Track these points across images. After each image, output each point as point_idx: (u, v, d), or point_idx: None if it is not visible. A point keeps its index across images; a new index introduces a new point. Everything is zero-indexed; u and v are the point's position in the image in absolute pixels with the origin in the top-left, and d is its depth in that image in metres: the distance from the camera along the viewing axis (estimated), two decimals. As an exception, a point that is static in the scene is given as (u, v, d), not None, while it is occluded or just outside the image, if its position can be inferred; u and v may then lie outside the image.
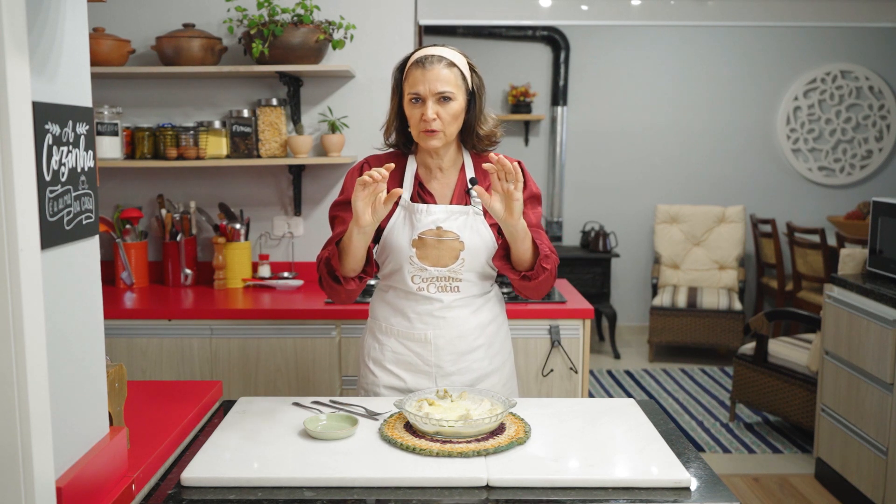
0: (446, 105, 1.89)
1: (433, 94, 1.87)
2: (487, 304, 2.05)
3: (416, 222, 1.96)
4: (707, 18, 4.14)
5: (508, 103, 6.19)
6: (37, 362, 1.16)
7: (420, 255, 1.95)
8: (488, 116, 2.00)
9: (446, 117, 1.89)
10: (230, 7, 3.33)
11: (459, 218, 1.96)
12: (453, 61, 1.91)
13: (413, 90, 1.89)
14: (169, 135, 3.27)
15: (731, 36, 6.19)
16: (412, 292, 1.98)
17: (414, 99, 1.90)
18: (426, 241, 1.95)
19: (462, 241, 1.95)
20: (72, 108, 1.31)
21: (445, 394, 1.83)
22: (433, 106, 1.88)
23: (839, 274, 3.49)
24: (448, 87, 1.88)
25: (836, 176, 6.27)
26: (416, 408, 1.75)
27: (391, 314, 2.03)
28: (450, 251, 1.95)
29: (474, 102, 1.95)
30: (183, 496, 1.47)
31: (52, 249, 1.25)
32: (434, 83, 1.87)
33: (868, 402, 3.15)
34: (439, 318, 1.98)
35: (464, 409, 1.75)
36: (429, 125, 1.88)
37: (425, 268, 1.95)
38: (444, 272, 1.96)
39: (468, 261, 1.96)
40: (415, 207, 1.97)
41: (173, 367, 2.96)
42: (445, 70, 1.88)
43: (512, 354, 2.16)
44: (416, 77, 1.89)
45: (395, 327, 2.02)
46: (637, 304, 6.47)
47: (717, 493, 1.49)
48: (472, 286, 2.00)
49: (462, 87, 1.92)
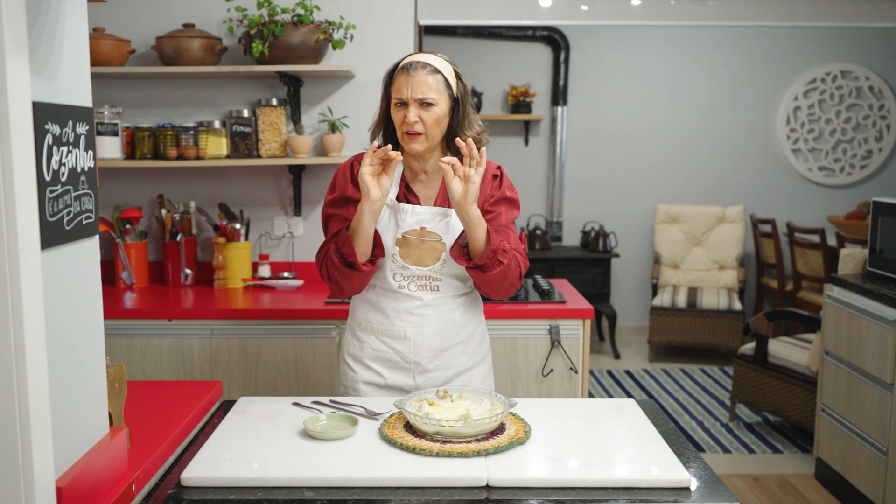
0: (428, 110, 1.94)
1: (415, 100, 1.94)
2: (466, 303, 2.10)
3: (401, 222, 2.01)
4: (707, 18, 4.14)
5: (508, 103, 6.19)
6: (37, 362, 1.16)
7: (403, 254, 2.01)
8: (474, 122, 2.03)
9: (428, 121, 1.95)
10: (230, 7, 3.33)
11: (443, 220, 2.02)
12: (437, 68, 1.97)
13: (398, 95, 1.96)
14: (169, 135, 3.27)
15: (731, 36, 6.19)
16: (392, 290, 2.03)
17: (399, 103, 1.97)
18: (409, 241, 2.01)
19: (444, 242, 2.01)
20: (72, 108, 1.31)
21: (445, 394, 1.83)
22: (415, 110, 1.94)
23: (839, 274, 3.49)
24: (430, 93, 1.94)
25: (836, 176, 6.27)
26: (416, 408, 1.76)
27: (371, 311, 2.08)
28: (431, 252, 2.01)
29: (458, 109, 2.00)
30: (183, 496, 1.47)
31: (52, 249, 1.25)
32: (416, 88, 1.93)
33: (868, 402, 3.15)
34: (418, 315, 2.03)
35: (464, 409, 1.76)
36: (411, 128, 1.94)
37: (407, 266, 2.01)
38: (425, 272, 2.02)
39: (449, 262, 2.01)
40: (400, 207, 2.02)
41: (173, 367, 2.96)
42: (429, 77, 1.95)
43: (490, 353, 2.21)
44: (401, 82, 1.96)
45: (374, 324, 2.07)
46: (637, 304, 6.46)
47: (717, 493, 1.49)
48: (452, 286, 2.05)
49: (445, 93, 1.97)
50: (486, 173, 2.07)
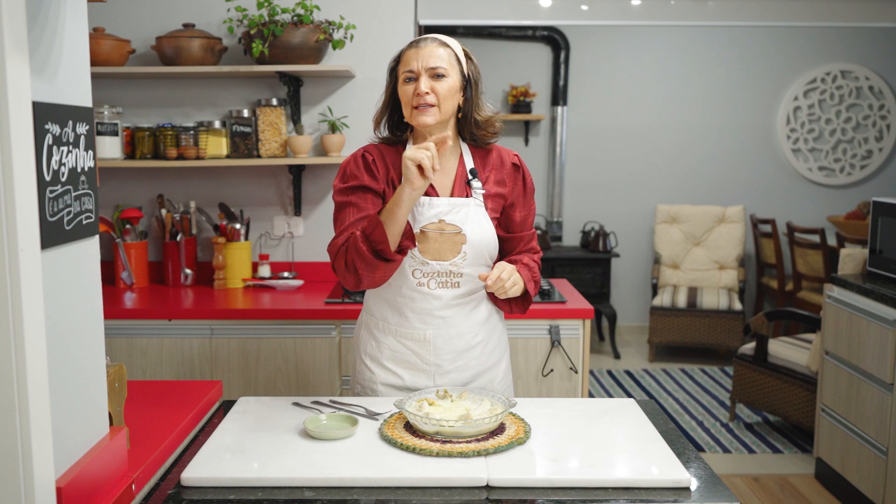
0: (440, 81, 1.89)
1: (427, 70, 1.88)
2: (484, 301, 2.05)
3: (419, 215, 1.93)
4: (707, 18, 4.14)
5: (508, 103, 6.19)
6: (37, 362, 1.16)
7: (421, 249, 1.93)
8: (485, 105, 1.99)
9: (441, 91, 1.88)
10: (230, 7, 3.33)
11: (462, 210, 1.95)
12: (447, 42, 1.93)
13: (407, 68, 1.90)
14: (169, 135, 3.27)
15: (731, 36, 6.19)
16: (411, 288, 1.96)
17: (408, 78, 1.90)
18: (428, 235, 1.92)
19: (464, 234, 1.94)
20: (72, 108, 1.31)
21: (446, 394, 1.83)
22: (427, 81, 1.88)
23: (839, 274, 3.49)
24: (441, 62, 1.89)
25: (836, 176, 6.27)
26: (416, 408, 1.75)
27: (389, 312, 2.01)
28: (452, 244, 1.93)
29: (470, 89, 1.95)
30: (183, 496, 1.47)
31: (52, 249, 1.25)
32: (427, 59, 1.88)
33: (868, 402, 3.15)
34: (438, 317, 1.97)
35: (464, 408, 1.75)
36: (422, 99, 1.88)
37: (427, 262, 1.93)
38: (445, 266, 1.94)
39: (470, 254, 1.95)
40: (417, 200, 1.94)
41: (173, 367, 2.96)
42: (440, 49, 1.90)
43: (508, 350, 2.17)
44: (410, 55, 1.91)
45: (392, 325, 2.01)
46: (637, 304, 6.46)
47: (717, 493, 1.49)
48: (472, 281, 1.98)
49: (456, 67, 1.92)
50: (505, 162, 2.04)
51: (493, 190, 2.01)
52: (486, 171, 2.01)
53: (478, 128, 1.98)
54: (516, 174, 2.04)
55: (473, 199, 1.97)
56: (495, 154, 2.05)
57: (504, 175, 2.02)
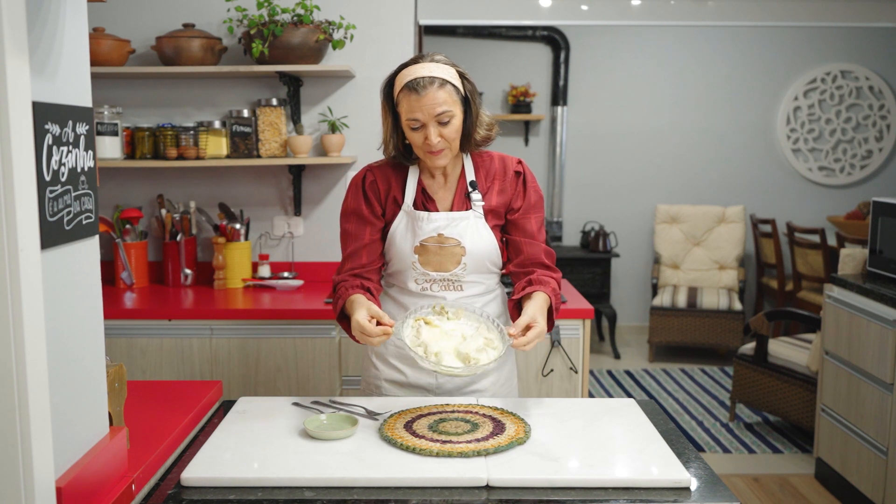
0: (447, 126, 1.89)
1: (433, 118, 1.87)
2: (491, 301, 2.06)
3: (418, 229, 1.98)
4: (707, 18, 4.14)
5: (508, 103, 6.18)
6: (37, 362, 1.16)
7: (422, 262, 1.98)
8: (483, 119, 2.00)
9: (449, 135, 1.90)
10: (230, 7, 3.33)
11: (461, 223, 1.98)
12: (445, 79, 1.89)
13: (411, 116, 1.88)
14: (169, 135, 3.27)
15: (731, 36, 6.19)
16: (416, 293, 2.02)
17: (413, 126, 1.90)
18: (428, 248, 1.97)
19: (463, 246, 1.97)
20: (72, 108, 1.31)
21: (442, 310, 1.87)
22: (435, 129, 1.88)
23: (839, 274, 3.49)
24: (445, 106, 1.87)
25: (836, 176, 6.27)
26: (413, 335, 1.80)
27: (394, 308, 2.05)
28: (451, 257, 1.98)
29: (469, 110, 1.95)
30: (183, 496, 1.47)
31: (52, 249, 1.25)
32: (432, 108, 1.86)
33: (868, 402, 3.15)
34: None
35: (460, 335, 1.81)
36: (434, 148, 1.89)
37: (427, 273, 1.99)
38: (446, 276, 1.99)
39: (470, 264, 1.99)
40: (416, 215, 1.99)
41: (173, 367, 2.96)
42: (440, 92, 1.87)
43: (513, 351, 2.17)
44: (412, 104, 1.87)
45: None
46: (637, 304, 6.46)
47: (717, 493, 1.49)
48: (476, 286, 2.03)
49: (458, 100, 1.91)
50: (507, 171, 2.03)
51: (495, 200, 2.02)
52: (487, 181, 2.03)
53: (476, 144, 2.01)
54: (517, 181, 2.04)
55: (473, 211, 2.00)
56: (498, 163, 2.05)
57: (506, 184, 2.03)
